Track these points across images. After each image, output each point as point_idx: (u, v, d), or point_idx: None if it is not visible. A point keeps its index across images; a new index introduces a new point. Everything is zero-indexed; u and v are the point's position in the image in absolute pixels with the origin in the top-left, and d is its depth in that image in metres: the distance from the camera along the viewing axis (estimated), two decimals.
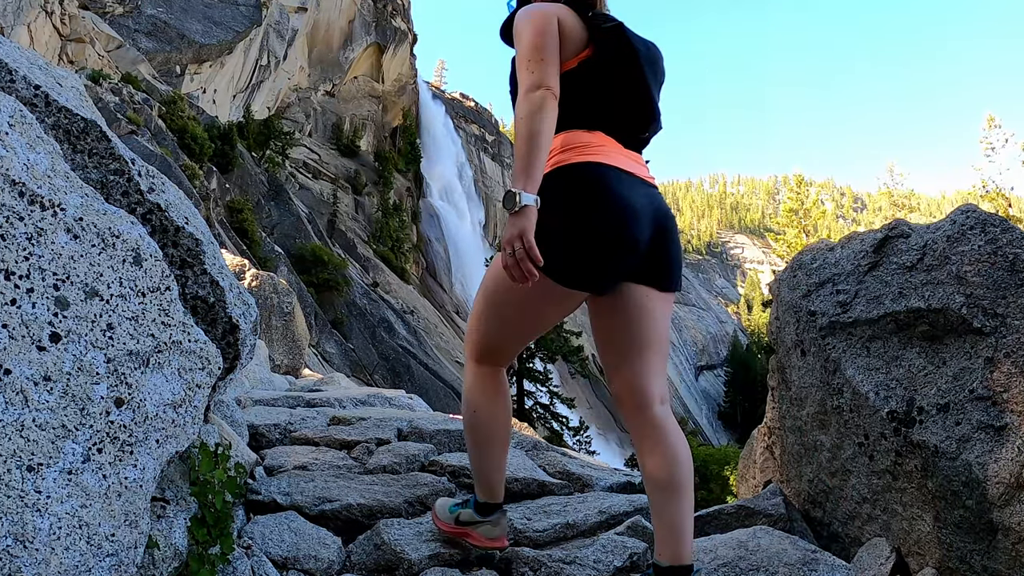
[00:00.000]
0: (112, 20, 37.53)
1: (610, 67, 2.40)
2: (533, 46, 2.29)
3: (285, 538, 2.57)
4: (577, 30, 2.39)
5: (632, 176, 2.34)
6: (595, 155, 2.31)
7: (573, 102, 2.36)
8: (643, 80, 2.42)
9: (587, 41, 2.40)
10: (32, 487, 1.54)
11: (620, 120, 2.42)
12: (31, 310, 1.61)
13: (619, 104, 2.42)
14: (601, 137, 2.37)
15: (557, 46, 2.31)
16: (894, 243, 2.98)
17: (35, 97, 2.10)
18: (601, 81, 2.40)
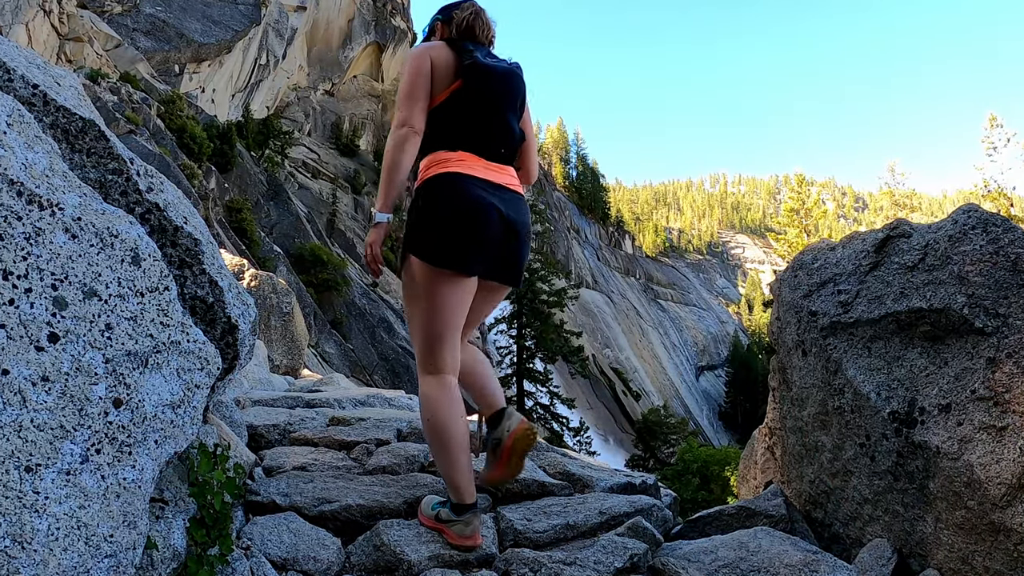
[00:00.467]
0: (111, 19, 37.50)
1: (472, 97, 2.92)
2: (407, 86, 2.89)
3: (284, 539, 2.56)
4: (449, 66, 2.94)
5: (488, 182, 2.87)
6: (452, 168, 2.85)
7: (444, 127, 2.92)
8: (499, 107, 2.98)
9: (457, 74, 2.93)
10: (30, 488, 1.53)
11: (481, 140, 2.94)
12: (29, 310, 1.60)
13: (479, 127, 2.94)
14: (461, 154, 2.89)
15: (427, 85, 2.90)
16: (895, 243, 2.97)
17: (33, 96, 2.09)
18: (466, 109, 2.92)
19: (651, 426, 42.48)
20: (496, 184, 2.90)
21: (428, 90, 2.91)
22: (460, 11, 3.18)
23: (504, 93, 3.01)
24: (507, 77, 3.03)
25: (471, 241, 2.77)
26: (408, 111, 2.86)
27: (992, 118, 33.70)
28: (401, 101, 2.90)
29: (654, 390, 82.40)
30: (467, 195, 2.79)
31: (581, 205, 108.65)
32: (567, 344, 38.97)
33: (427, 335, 2.87)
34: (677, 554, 2.74)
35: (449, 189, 2.81)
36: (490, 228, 2.81)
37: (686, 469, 24.67)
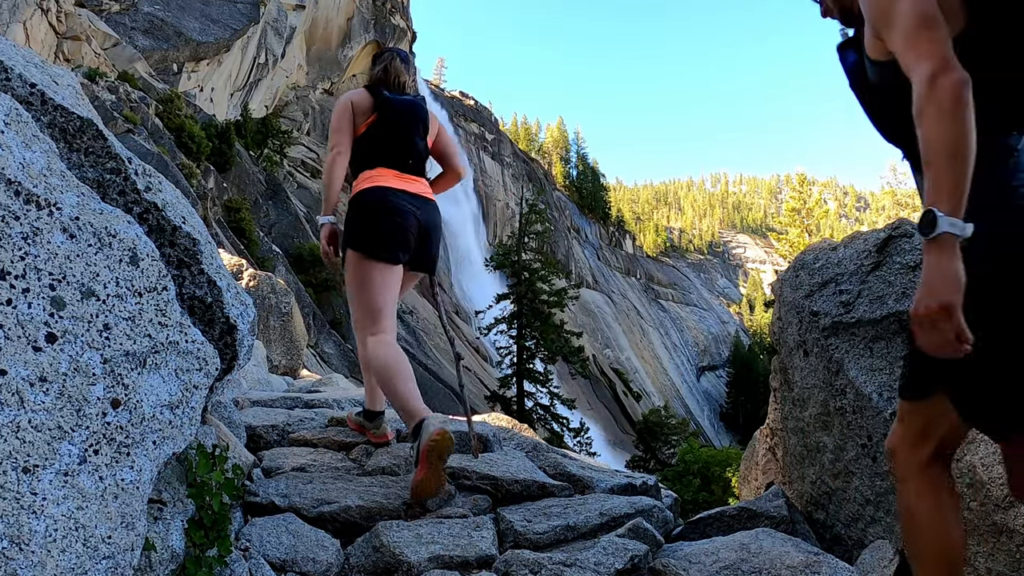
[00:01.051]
0: (108, 18, 37.41)
1: (384, 126, 3.89)
2: (335, 123, 3.94)
3: (283, 540, 2.55)
4: (367, 105, 3.94)
5: (406, 192, 3.77)
6: (372, 182, 3.75)
7: (365, 151, 3.86)
8: (406, 131, 3.94)
9: (373, 110, 3.91)
10: (28, 489, 1.52)
11: (393, 156, 3.87)
12: (27, 310, 1.59)
13: (391, 148, 3.88)
14: (380, 169, 3.81)
15: (350, 121, 3.89)
16: (897, 242, 2.97)
17: (31, 95, 2.08)
18: (380, 135, 3.87)
19: (652, 427, 42.50)
20: (412, 194, 3.79)
21: (351, 124, 3.90)
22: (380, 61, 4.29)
23: (409, 121, 3.97)
24: (411, 107, 4.01)
25: (397, 240, 3.67)
26: (337, 140, 3.89)
27: None
28: (332, 134, 3.95)
29: (655, 391, 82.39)
30: (392, 205, 3.69)
31: (581, 205, 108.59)
32: (567, 344, 38.94)
33: (370, 309, 3.65)
34: (678, 555, 2.73)
35: (379, 201, 3.69)
36: (409, 230, 3.71)
37: (687, 470, 24.61)
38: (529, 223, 42.87)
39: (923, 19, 1.73)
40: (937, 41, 1.71)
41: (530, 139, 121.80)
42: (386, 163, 3.84)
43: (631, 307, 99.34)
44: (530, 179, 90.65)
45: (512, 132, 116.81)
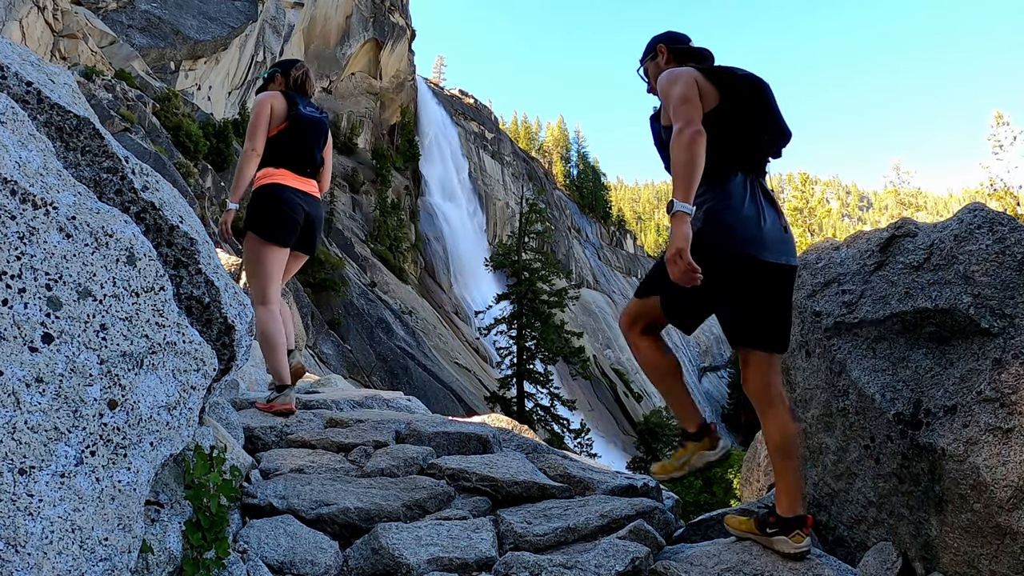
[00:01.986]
0: (105, 16, 37.37)
1: (293, 135, 4.70)
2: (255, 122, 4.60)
3: (281, 542, 2.54)
4: (283, 111, 4.67)
5: (298, 190, 4.68)
6: (274, 179, 4.62)
7: (273, 153, 4.62)
8: (310, 143, 4.79)
9: (286, 119, 4.67)
10: (24, 490, 1.52)
11: (296, 162, 4.71)
12: (23, 310, 1.59)
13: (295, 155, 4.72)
14: (283, 171, 4.65)
15: (267, 124, 4.61)
16: (900, 242, 2.95)
17: (27, 94, 2.08)
18: (288, 142, 4.67)
19: (653, 428, 42.39)
20: (304, 192, 4.73)
21: (267, 126, 4.62)
22: (295, 70, 4.99)
23: (314, 135, 4.83)
24: (317, 123, 4.87)
25: (288, 228, 4.62)
26: (253, 140, 4.58)
27: (998, 116, 33.33)
28: (253, 133, 4.59)
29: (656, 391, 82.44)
30: (287, 200, 4.60)
31: (582, 204, 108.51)
32: (568, 345, 38.90)
33: (263, 282, 4.56)
34: (679, 557, 2.72)
35: (277, 196, 4.58)
36: (298, 221, 4.66)
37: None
38: (529, 222, 42.84)
39: (683, 98, 2.93)
40: (689, 111, 2.89)
41: (530, 138, 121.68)
42: (288, 166, 4.68)
43: None
44: (530, 178, 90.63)
45: (512, 131, 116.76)
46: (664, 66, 3.39)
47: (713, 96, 3.03)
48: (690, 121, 2.86)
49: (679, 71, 3.08)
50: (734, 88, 3.08)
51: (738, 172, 3.02)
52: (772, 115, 3.15)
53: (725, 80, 3.09)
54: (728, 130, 3.01)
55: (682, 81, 3.00)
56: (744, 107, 3.08)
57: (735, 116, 3.05)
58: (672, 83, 3.03)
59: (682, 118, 2.88)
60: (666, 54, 3.44)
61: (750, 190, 3.00)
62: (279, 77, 4.95)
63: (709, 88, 3.03)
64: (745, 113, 3.07)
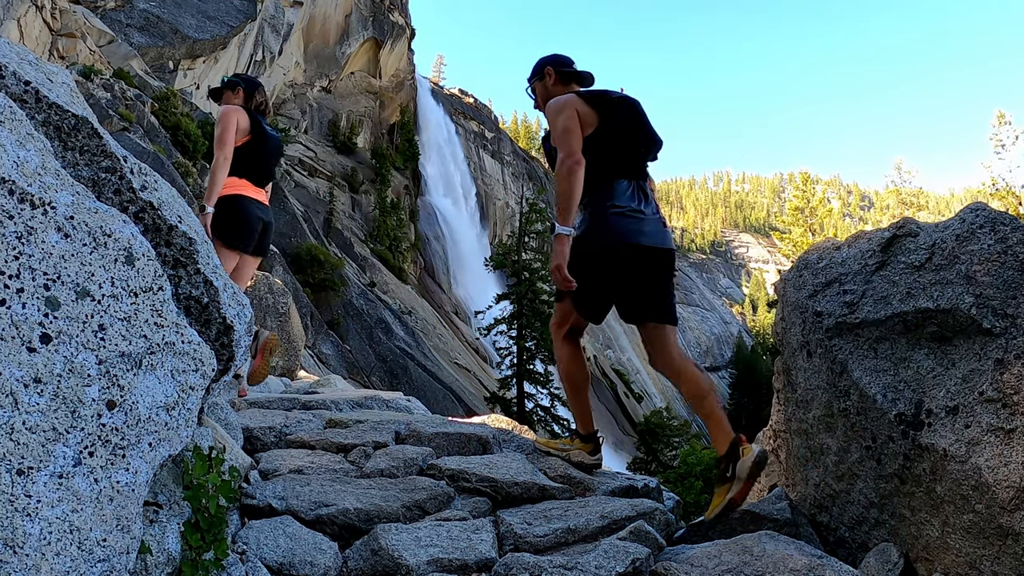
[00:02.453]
0: (104, 15, 37.32)
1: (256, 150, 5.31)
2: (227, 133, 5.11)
3: (280, 543, 2.52)
4: (246, 128, 5.25)
5: (257, 200, 5.31)
6: (237, 190, 5.17)
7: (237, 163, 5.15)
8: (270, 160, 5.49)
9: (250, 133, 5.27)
10: (22, 491, 1.51)
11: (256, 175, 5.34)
12: (21, 310, 1.58)
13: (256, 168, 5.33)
14: (244, 182, 5.24)
15: (234, 135, 5.12)
16: (902, 242, 2.95)
17: (25, 93, 2.07)
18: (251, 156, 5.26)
19: (653, 428, 42.30)
20: (259, 202, 5.34)
21: (234, 138, 5.13)
22: (259, 95, 5.61)
23: (273, 151, 5.53)
24: (278, 143, 5.60)
25: (249, 235, 5.24)
26: (225, 149, 5.07)
27: (1000, 115, 33.15)
28: (224, 143, 5.09)
29: (656, 392, 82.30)
30: (249, 209, 5.21)
31: None
32: None
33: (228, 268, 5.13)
34: (680, 558, 2.71)
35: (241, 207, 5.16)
36: (256, 228, 5.28)
37: (689, 472, 24.37)
38: (529, 222, 42.77)
39: (564, 130, 3.52)
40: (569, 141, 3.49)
41: (530, 137, 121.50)
42: (250, 178, 5.27)
43: None
44: (530, 178, 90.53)
45: (512, 130, 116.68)
46: (551, 87, 3.95)
47: (593, 119, 3.61)
48: (570, 152, 3.46)
49: (564, 101, 3.64)
50: (611, 110, 3.65)
51: (622, 179, 3.62)
52: (645, 129, 3.77)
53: (602, 104, 3.66)
54: (609, 146, 3.61)
55: (565, 113, 3.57)
56: (621, 125, 3.66)
57: (614, 134, 3.63)
58: (557, 112, 3.60)
59: (563, 149, 3.49)
60: (553, 76, 3.97)
61: (632, 191, 3.61)
62: (241, 92, 5.53)
63: (589, 112, 3.60)
64: (622, 130, 3.66)
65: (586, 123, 3.60)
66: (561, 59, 4.04)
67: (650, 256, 3.50)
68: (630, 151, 3.69)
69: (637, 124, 3.75)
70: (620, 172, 3.65)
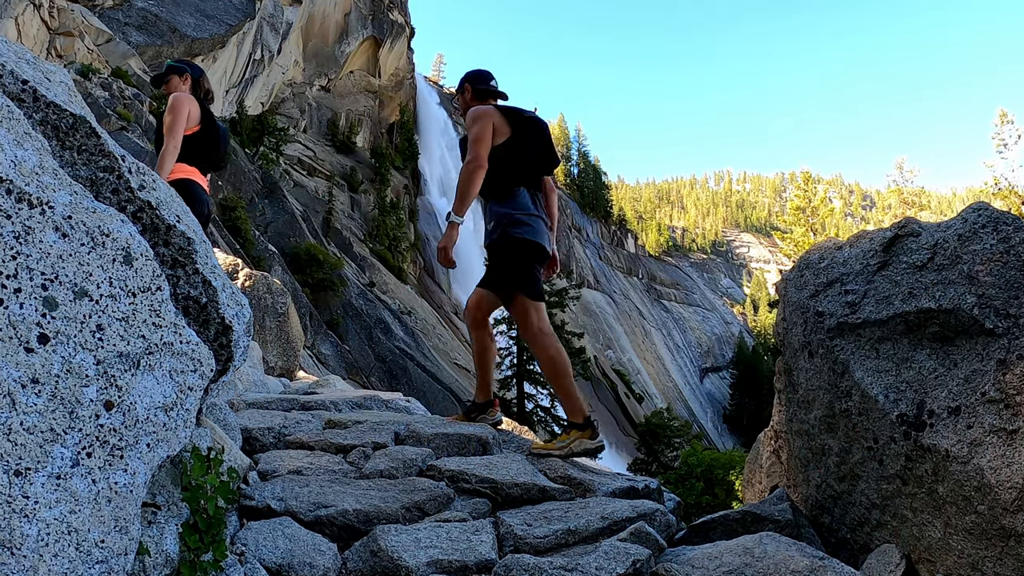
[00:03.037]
0: (102, 13, 37.23)
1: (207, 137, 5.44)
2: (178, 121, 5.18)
3: (279, 545, 2.51)
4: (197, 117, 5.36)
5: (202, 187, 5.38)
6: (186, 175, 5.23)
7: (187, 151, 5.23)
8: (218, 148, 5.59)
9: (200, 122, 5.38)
10: (20, 492, 1.50)
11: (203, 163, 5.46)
12: (19, 311, 1.57)
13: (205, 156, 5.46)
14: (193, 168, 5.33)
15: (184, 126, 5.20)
16: (904, 242, 2.94)
17: (23, 92, 2.05)
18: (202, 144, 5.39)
19: (654, 429, 42.33)
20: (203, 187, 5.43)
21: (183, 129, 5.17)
22: (204, 82, 5.78)
23: (222, 141, 5.63)
24: (226, 133, 5.69)
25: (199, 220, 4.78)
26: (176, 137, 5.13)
27: (1002, 114, 32.98)
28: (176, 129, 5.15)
29: (657, 392, 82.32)
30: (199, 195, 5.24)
31: (583, 203, 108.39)
32: (568, 345, 38.77)
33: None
34: (681, 560, 2.70)
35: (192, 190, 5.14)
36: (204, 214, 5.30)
37: (690, 473, 24.35)
38: None
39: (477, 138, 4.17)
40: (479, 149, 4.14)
41: None
42: (198, 165, 5.37)
43: (633, 307, 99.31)
44: None
45: None
46: (469, 100, 4.70)
47: (506, 131, 4.31)
48: (477, 157, 4.14)
49: (483, 112, 4.33)
50: (522, 126, 4.38)
51: (522, 187, 4.36)
52: (546, 147, 4.50)
53: (516, 119, 4.38)
54: (515, 157, 4.32)
55: (481, 123, 4.25)
56: (528, 140, 4.38)
57: (520, 147, 4.34)
58: (475, 121, 4.29)
59: (472, 153, 4.17)
60: (470, 91, 4.72)
61: (530, 198, 4.37)
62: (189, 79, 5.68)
63: (503, 124, 4.30)
64: (529, 144, 4.38)
65: (499, 133, 4.29)
66: (480, 76, 4.77)
67: (540, 251, 4.32)
68: (533, 163, 4.42)
69: (541, 141, 4.47)
70: (523, 181, 4.38)
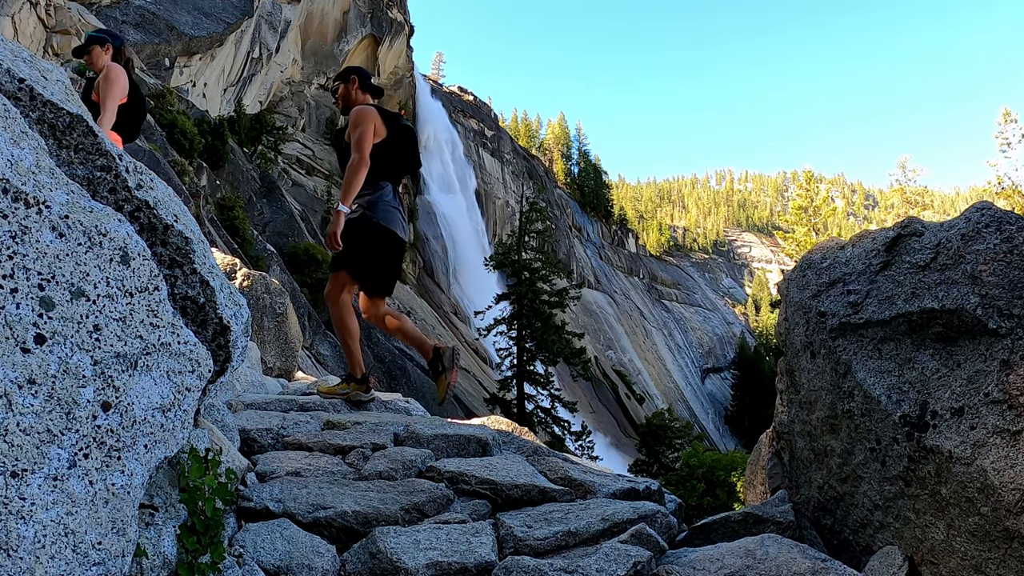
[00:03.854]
0: (99, 11, 37.07)
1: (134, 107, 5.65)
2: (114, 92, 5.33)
3: (277, 546, 2.50)
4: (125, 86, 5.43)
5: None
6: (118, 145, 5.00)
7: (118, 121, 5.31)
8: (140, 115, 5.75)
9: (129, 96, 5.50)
10: (16, 494, 1.50)
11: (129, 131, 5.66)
12: (15, 311, 1.57)
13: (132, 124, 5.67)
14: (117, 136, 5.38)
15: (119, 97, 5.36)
16: (907, 242, 2.92)
17: (19, 91, 2.05)
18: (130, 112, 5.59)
19: (655, 430, 42.29)
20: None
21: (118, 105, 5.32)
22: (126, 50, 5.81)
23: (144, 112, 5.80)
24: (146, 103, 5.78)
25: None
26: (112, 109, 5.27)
27: (1006, 113, 32.86)
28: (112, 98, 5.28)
29: (658, 393, 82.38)
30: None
31: (583, 203, 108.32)
32: (568, 346, 38.78)
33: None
34: (682, 562, 2.69)
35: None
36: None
37: (691, 474, 24.28)
38: (530, 221, 42.78)
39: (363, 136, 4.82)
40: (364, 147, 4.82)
41: (530, 135, 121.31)
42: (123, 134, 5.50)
43: (634, 307, 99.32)
44: (530, 176, 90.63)
45: (512, 128, 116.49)
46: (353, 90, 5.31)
47: (383, 132, 5.02)
48: (363, 155, 4.82)
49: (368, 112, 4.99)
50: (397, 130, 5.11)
51: (388, 182, 5.10)
52: (413, 151, 5.29)
53: (392, 123, 5.10)
54: (387, 156, 5.04)
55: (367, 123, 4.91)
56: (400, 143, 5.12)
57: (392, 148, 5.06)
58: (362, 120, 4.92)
59: (358, 150, 4.83)
60: (356, 83, 5.33)
61: (393, 193, 5.11)
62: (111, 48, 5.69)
63: (382, 126, 5.00)
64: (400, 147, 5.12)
65: (378, 133, 4.99)
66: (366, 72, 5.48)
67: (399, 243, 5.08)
68: (400, 163, 5.17)
69: (410, 145, 5.25)
70: (389, 177, 5.13)
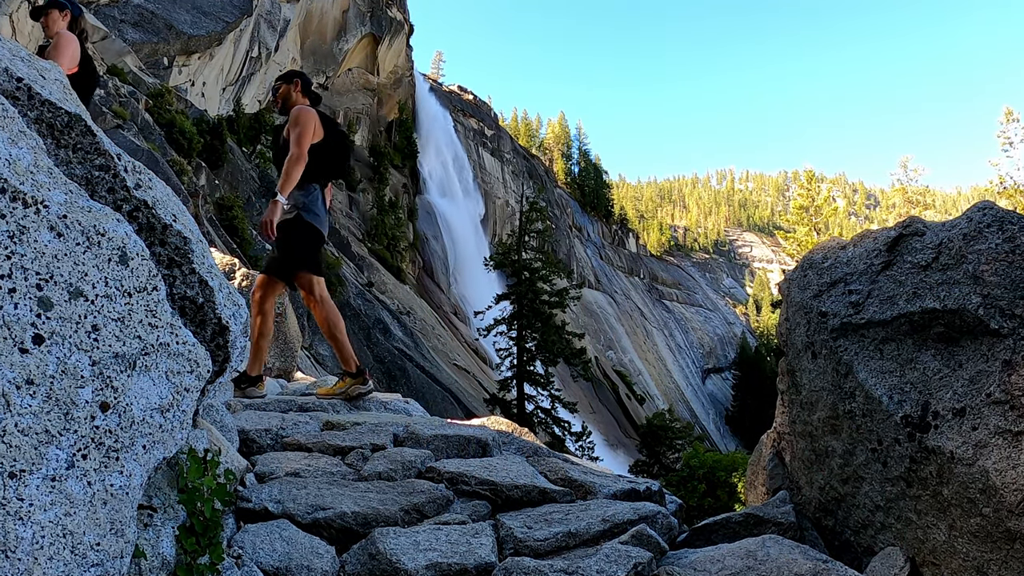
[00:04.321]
0: (97, 10, 37.06)
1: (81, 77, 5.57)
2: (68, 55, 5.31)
3: (277, 547, 2.49)
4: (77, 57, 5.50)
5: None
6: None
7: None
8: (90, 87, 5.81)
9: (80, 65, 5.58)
10: (14, 494, 1.49)
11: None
12: (13, 311, 1.56)
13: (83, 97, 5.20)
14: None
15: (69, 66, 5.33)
16: (908, 241, 2.92)
17: (17, 90, 2.04)
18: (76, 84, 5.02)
19: (655, 430, 42.29)
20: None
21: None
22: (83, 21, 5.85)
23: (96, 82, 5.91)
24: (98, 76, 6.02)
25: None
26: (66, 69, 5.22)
27: (1008, 112, 32.88)
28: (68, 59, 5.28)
29: (659, 393, 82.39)
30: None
31: (583, 202, 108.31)
32: (569, 346, 38.77)
33: None
34: (683, 563, 2.68)
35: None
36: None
37: (692, 475, 24.25)
38: (530, 221, 42.78)
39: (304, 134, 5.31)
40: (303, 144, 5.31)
41: (531, 135, 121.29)
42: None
43: (634, 307, 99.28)
44: (531, 176, 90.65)
45: (512, 128, 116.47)
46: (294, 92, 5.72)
47: (321, 134, 5.47)
48: (301, 151, 5.26)
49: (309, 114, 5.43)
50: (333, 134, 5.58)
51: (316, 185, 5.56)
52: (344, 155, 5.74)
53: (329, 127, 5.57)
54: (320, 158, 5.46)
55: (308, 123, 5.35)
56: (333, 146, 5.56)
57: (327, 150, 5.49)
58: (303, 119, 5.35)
59: (298, 146, 5.25)
60: (299, 85, 5.74)
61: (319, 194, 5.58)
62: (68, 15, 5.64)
63: (320, 129, 5.43)
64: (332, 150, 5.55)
65: (316, 134, 5.42)
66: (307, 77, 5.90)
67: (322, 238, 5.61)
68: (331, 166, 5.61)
69: (342, 150, 5.70)
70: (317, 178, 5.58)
